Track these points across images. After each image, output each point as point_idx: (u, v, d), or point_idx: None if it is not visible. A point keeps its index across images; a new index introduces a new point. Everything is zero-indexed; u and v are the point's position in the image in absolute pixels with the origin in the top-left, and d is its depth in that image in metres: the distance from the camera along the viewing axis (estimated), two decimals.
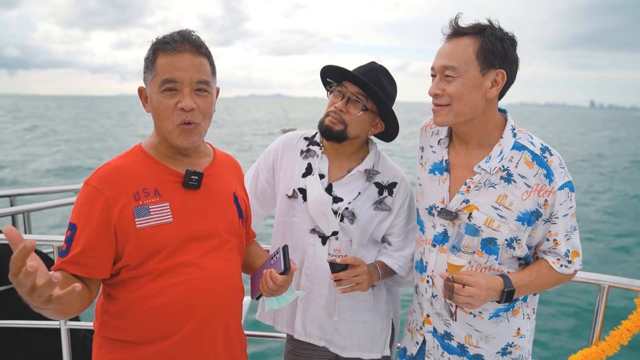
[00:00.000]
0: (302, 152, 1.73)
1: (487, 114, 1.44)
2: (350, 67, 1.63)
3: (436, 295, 1.55)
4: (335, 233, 1.62)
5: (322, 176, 1.67)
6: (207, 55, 1.30)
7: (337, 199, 1.64)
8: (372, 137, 1.75)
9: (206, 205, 1.35)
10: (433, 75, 1.44)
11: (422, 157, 1.65)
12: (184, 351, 1.29)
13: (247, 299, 3.48)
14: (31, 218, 3.06)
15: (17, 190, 3.41)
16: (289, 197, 1.69)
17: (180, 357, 1.29)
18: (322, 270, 1.63)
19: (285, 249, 1.41)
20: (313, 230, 1.66)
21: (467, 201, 1.47)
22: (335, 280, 1.51)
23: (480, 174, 1.45)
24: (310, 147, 1.72)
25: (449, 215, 1.48)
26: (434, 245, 1.54)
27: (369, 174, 1.67)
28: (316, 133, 1.74)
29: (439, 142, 1.59)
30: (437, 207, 1.53)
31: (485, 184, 1.45)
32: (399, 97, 1.71)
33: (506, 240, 1.43)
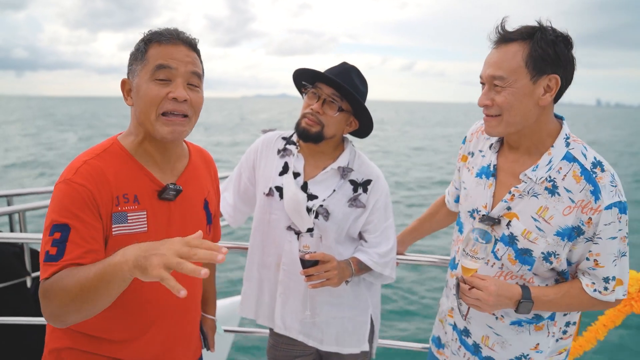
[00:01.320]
0: (279, 151, 1.77)
1: (540, 121, 1.37)
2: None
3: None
4: (311, 230, 1.66)
5: (297, 174, 1.71)
6: (199, 55, 1.27)
7: (312, 197, 1.68)
8: (348, 136, 1.79)
9: (178, 215, 1.32)
10: (482, 84, 1.39)
11: (469, 161, 1.62)
12: (135, 357, 1.29)
13: (236, 299, 3.52)
14: (27, 218, 3.12)
15: (15, 190, 3.47)
16: (266, 195, 1.73)
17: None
18: (298, 266, 1.67)
19: None
20: (289, 228, 1.70)
21: (509, 208, 1.42)
22: (305, 276, 1.55)
23: (525, 182, 1.39)
24: (287, 146, 1.76)
25: (490, 221, 1.44)
26: None
27: (343, 171, 1.70)
28: (294, 133, 1.77)
29: (490, 146, 1.54)
30: (479, 211, 1.50)
31: (528, 193, 1.39)
32: (406, 96, 1.72)
33: (542, 253, 1.37)
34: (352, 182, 1.71)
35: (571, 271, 1.44)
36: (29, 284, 2.92)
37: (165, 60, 1.18)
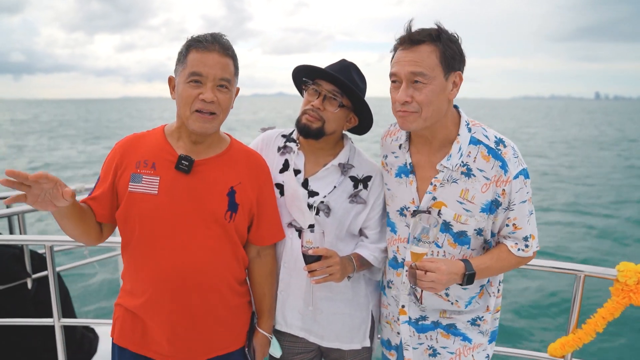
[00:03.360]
0: (279, 148, 1.78)
1: (447, 114, 1.51)
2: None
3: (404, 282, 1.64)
4: (312, 226, 1.67)
5: (298, 171, 1.72)
6: (233, 57, 1.48)
7: (312, 193, 1.69)
8: (347, 132, 1.79)
9: (192, 190, 1.49)
10: (394, 81, 1.48)
11: (386, 164, 1.71)
12: (144, 315, 1.52)
13: None
14: (26, 219, 3.13)
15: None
16: None
17: (140, 318, 1.52)
18: (299, 263, 1.67)
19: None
20: (290, 224, 1.71)
21: (434, 198, 1.55)
22: (309, 271, 1.55)
23: (443, 171, 1.53)
24: (287, 143, 1.77)
25: (422, 213, 1.53)
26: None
27: (344, 168, 1.71)
28: (293, 130, 1.78)
29: (399, 146, 1.65)
30: (409, 207, 1.60)
31: (448, 180, 1.53)
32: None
33: (475, 230, 1.54)
34: (353, 178, 1.72)
35: (493, 241, 1.61)
36: (29, 285, 2.92)
37: (198, 68, 1.41)
